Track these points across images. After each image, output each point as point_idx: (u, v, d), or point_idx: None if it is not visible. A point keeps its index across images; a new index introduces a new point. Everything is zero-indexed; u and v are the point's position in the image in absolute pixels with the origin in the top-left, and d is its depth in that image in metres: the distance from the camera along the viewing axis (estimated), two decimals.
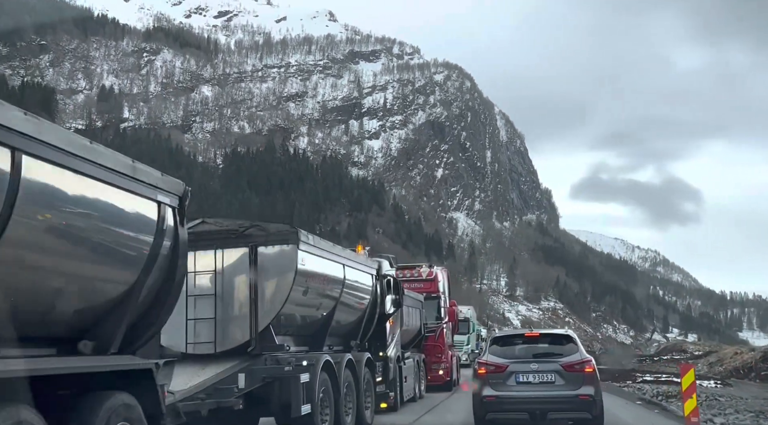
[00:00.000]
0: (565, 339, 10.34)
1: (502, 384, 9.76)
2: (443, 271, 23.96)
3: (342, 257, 11.91)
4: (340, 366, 11.01)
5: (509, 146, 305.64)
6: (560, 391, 9.57)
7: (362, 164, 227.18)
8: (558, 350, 10.08)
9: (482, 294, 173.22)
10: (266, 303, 9.55)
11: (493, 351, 10.28)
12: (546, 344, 10.39)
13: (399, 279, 19.91)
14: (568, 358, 9.80)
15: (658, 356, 46.71)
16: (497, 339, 10.86)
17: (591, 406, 9.53)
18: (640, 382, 23.25)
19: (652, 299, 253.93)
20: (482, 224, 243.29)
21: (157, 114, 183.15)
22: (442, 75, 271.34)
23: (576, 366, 9.66)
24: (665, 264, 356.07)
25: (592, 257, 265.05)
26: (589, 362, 9.84)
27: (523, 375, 9.76)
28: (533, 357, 10.01)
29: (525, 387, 9.73)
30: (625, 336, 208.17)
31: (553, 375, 9.62)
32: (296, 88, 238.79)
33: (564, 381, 9.57)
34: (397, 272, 20.61)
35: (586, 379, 9.61)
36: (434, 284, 21.86)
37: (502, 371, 9.80)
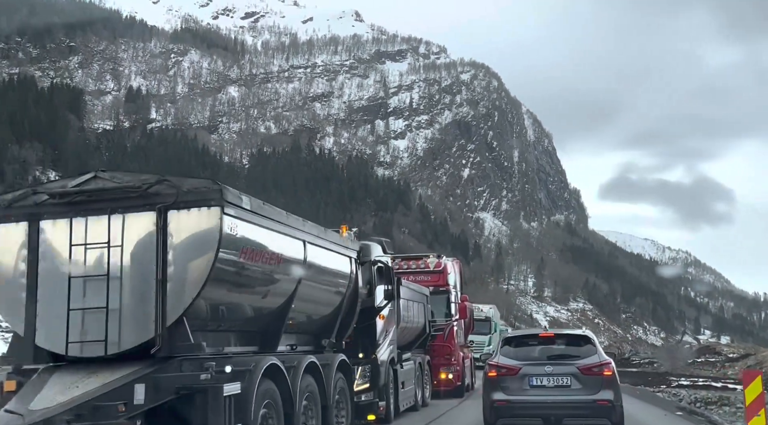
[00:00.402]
0: (583, 339, 9.72)
1: (515, 387, 9.18)
2: (455, 263, 21.43)
3: (301, 231, 9.05)
4: (295, 372, 8.47)
5: (537, 146, 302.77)
6: (577, 396, 8.98)
7: (388, 163, 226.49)
8: (575, 351, 9.46)
9: (509, 295, 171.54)
10: (178, 287, 6.97)
11: (505, 352, 9.66)
12: (562, 345, 9.80)
13: (403, 271, 18.22)
14: (585, 360, 9.17)
15: (692, 358, 45.09)
16: (509, 339, 10.18)
17: (610, 412, 8.89)
18: (676, 387, 21.58)
19: (683, 301, 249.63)
20: (509, 224, 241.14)
21: (184, 115, 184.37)
22: (469, 74, 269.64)
23: (594, 369, 9.04)
24: (696, 265, 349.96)
25: (622, 257, 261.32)
26: (608, 364, 9.24)
27: (537, 378, 9.15)
28: (548, 358, 9.38)
29: (539, 391, 9.11)
30: (656, 337, 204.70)
31: (569, 378, 9.02)
32: (322, 88, 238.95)
33: (581, 385, 8.96)
34: (400, 262, 18.84)
35: (605, 383, 8.98)
36: (443, 276, 19.52)
37: (514, 373, 9.21)
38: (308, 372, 8.84)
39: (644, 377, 24.60)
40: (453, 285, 20.07)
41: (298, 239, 8.95)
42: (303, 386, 8.59)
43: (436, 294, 18.78)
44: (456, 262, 21.75)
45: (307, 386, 8.79)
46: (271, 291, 8.40)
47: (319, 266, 9.68)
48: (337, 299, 10.57)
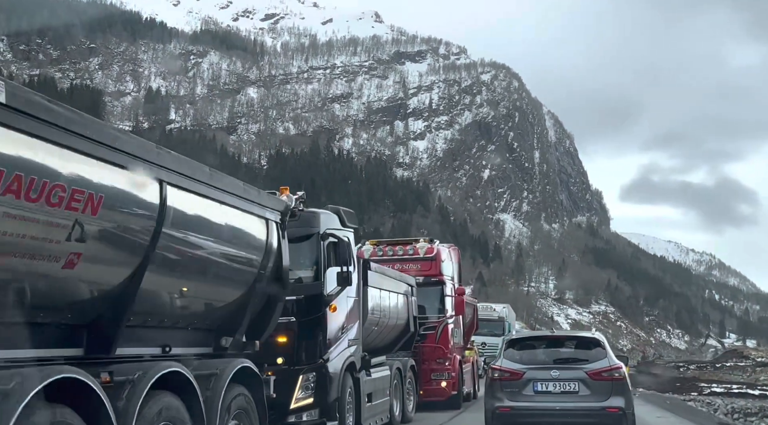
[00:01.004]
0: (592, 342, 9.16)
1: (518, 393, 8.60)
2: (452, 250, 18.39)
3: (150, 162, 5.55)
4: (132, 390, 5.19)
5: (558, 147, 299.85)
6: (585, 402, 8.43)
7: (407, 165, 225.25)
8: (583, 355, 8.92)
9: (530, 297, 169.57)
10: None
11: (509, 355, 9.02)
12: (569, 348, 9.27)
13: (387, 258, 15.60)
14: (594, 364, 8.63)
15: (719, 362, 43.34)
16: (513, 341, 9.54)
17: (621, 420, 8.33)
18: (709, 395, 19.67)
19: (707, 304, 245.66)
20: (530, 225, 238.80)
21: (203, 115, 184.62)
22: (489, 75, 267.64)
23: (604, 374, 8.51)
24: (721, 268, 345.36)
25: (645, 259, 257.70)
26: (619, 369, 8.73)
27: (542, 383, 8.61)
28: (554, 362, 8.82)
29: (544, 398, 8.56)
30: (680, 340, 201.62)
31: (577, 383, 8.49)
32: (341, 89, 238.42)
33: (589, 391, 8.42)
34: (384, 247, 16.13)
35: (616, 389, 8.45)
36: (435, 264, 16.23)
37: (518, 378, 8.63)
38: (167, 389, 5.62)
39: (672, 382, 22.83)
40: (448, 276, 16.92)
41: (147, 175, 5.40)
42: (152, 410, 5.37)
43: (428, 286, 15.71)
44: (453, 249, 18.81)
45: (163, 409, 5.51)
46: (88, 255, 4.79)
47: (199, 221, 6.25)
48: (243, 278, 7.21)
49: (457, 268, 18.47)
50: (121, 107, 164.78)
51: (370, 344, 11.61)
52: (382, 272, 12.69)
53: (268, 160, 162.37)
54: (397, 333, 13.72)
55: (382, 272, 12.69)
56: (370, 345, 11.62)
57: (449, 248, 18.32)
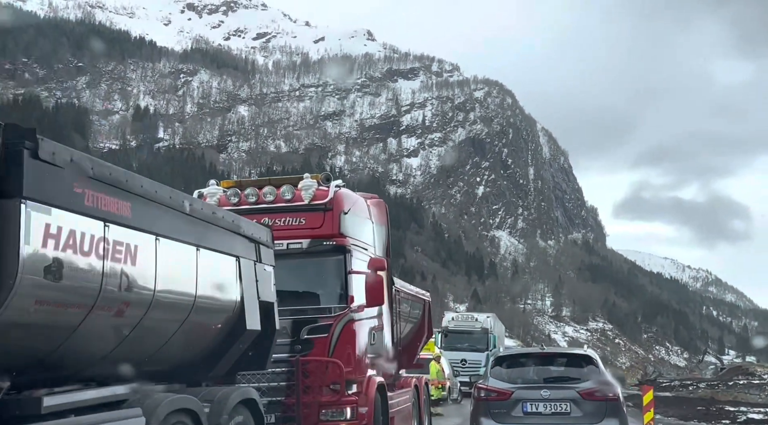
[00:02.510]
0: (584, 360, 8.64)
1: (506, 414, 8.12)
2: (371, 202, 11.37)
3: None
4: None
5: (552, 163, 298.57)
6: (577, 424, 7.96)
7: (401, 182, 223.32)
8: (575, 373, 8.45)
9: (527, 314, 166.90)
10: None
11: (496, 373, 8.49)
12: (561, 366, 8.76)
13: (248, 207, 9.30)
14: (587, 384, 8.18)
15: (728, 380, 40.65)
16: (501, 358, 8.98)
17: None
18: (743, 423, 16.14)
19: (706, 320, 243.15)
20: (526, 242, 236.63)
21: (192, 134, 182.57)
22: (482, 91, 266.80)
23: (597, 394, 8.07)
24: (717, 284, 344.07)
25: (642, 276, 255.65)
26: (613, 388, 8.29)
27: (532, 403, 8.12)
28: (544, 381, 8.35)
29: (533, 419, 8.10)
30: (679, 357, 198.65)
31: (569, 404, 8.04)
32: (333, 106, 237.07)
33: (581, 413, 7.99)
34: (244, 192, 9.70)
35: (610, 410, 8.01)
36: (331, 219, 9.56)
37: (506, 398, 8.14)
38: None
39: (690, 406, 19.72)
40: (357, 239, 9.93)
41: None
42: None
43: (316, 255, 9.29)
44: (373, 201, 11.56)
45: None
46: None
47: None
48: None
49: (381, 233, 11.18)
50: (109, 126, 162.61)
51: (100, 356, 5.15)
52: None
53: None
54: (202, 333, 6.40)
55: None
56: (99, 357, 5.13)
57: (365, 198, 11.10)
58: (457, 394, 24.34)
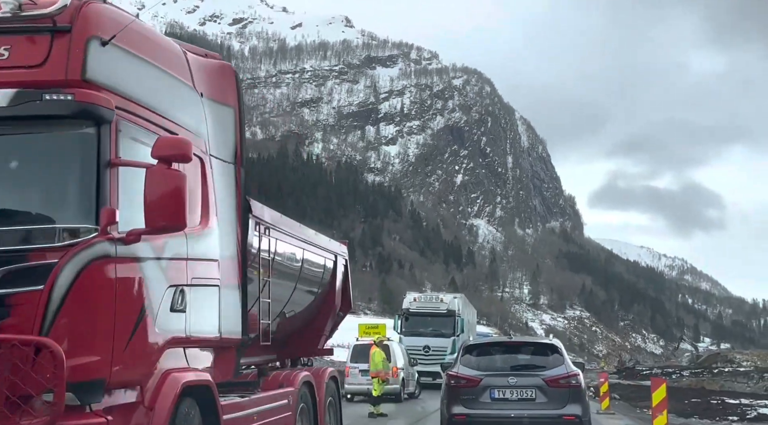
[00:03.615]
0: (550, 348, 9.04)
1: (475, 400, 8.44)
2: (204, 63, 5.95)
3: None
4: None
5: (531, 152, 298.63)
6: (541, 410, 8.31)
7: (379, 169, 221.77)
8: (541, 361, 8.78)
9: (504, 303, 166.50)
10: None
11: (466, 361, 8.84)
12: (527, 354, 9.19)
13: None
14: (552, 371, 8.50)
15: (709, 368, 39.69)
16: (470, 347, 9.34)
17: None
18: (755, 420, 14.07)
19: (681, 308, 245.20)
20: (504, 230, 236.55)
21: None
22: (461, 79, 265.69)
23: (561, 381, 8.41)
24: (693, 272, 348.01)
25: (618, 264, 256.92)
26: (576, 376, 8.59)
27: (499, 390, 8.47)
28: (511, 369, 8.67)
29: (501, 405, 8.43)
30: (655, 345, 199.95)
31: (534, 390, 8.38)
32: (311, 93, 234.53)
33: (546, 398, 8.33)
34: None
35: (573, 396, 8.35)
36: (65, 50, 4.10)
37: (474, 385, 8.48)
38: None
39: (682, 397, 18.03)
40: (129, 101, 4.45)
41: None
42: None
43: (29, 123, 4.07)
44: (206, 61, 6.11)
45: None
46: None
47: None
48: None
49: (224, 121, 5.86)
50: None
51: None
52: None
53: None
54: None
55: None
56: None
57: (187, 50, 5.88)
58: (415, 387, 20.48)
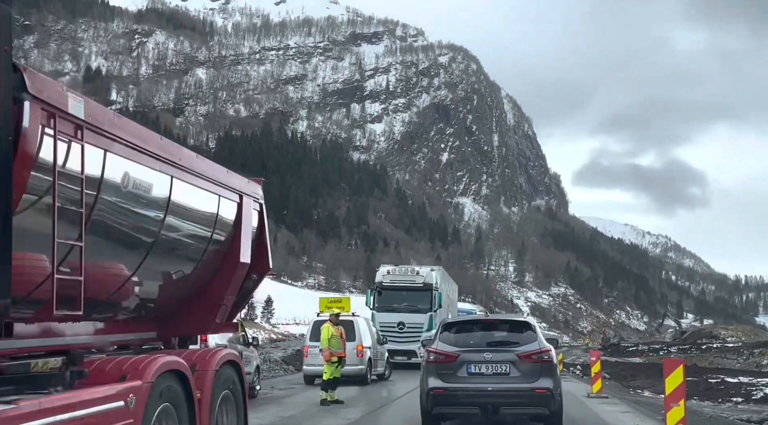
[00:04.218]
0: (524, 326, 9.46)
1: (453, 375, 8.82)
2: None
3: None
4: None
5: (517, 130, 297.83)
6: (515, 384, 8.70)
7: (364, 148, 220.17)
8: (515, 338, 9.16)
9: (489, 280, 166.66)
10: None
11: (444, 338, 9.24)
12: (503, 332, 9.50)
13: None
14: (525, 347, 8.93)
15: (694, 345, 39.29)
16: (449, 324, 9.67)
17: (549, 401, 8.62)
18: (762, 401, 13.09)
19: (665, 285, 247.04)
20: (489, 209, 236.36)
21: (147, 97, 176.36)
22: (447, 57, 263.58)
23: (533, 356, 8.84)
24: (676, 249, 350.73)
25: (603, 242, 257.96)
26: (548, 351, 8.95)
27: (475, 365, 8.81)
28: (487, 345, 9.03)
29: (477, 379, 8.79)
30: (639, 321, 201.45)
31: (508, 365, 8.76)
32: (295, 70, 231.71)
33: (519, 373, 8.74)
34: None
35: (544, 371, 8.73)
36: None
37: (452, 360, 8.89)
38: None
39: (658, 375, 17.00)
40: None
41: None
42: None
43: None
44: None
45: None
46: None
47: None
48: None
49: None
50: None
51: None
52: None
53: (217, 142, 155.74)
54: None
55: None
56: None
57: None
58: (384, 368, 18.63)
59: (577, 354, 35.11)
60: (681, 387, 7.91)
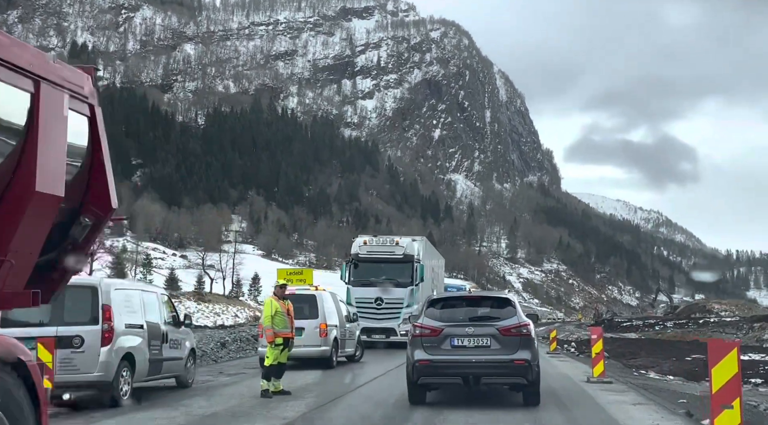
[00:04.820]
0: (504, 302, 9.99)
1: (437, 347, 9.39)
2: None
3: None
4: None
5: (509, 106, 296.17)
6: (495, 355, 9.23)
7: (355, 124, 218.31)
8: (496, 313, 9.67)
9: (482, 257, 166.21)
10: None
11: (430, 313, 9.75)
12: (485, 307, 10.01)
13: None
14: (505, 322, 9.43)
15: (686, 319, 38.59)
16: (434, 301, 10.23)
17: (526, 371, 9.16)
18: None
19: (657, 260, 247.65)
20: (482, 185, 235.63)
21: (135, 73, 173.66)
22: (439, 32, 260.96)
23: (513, 330, 9.35)
24: (668, 225, 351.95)
25: (595, 218, 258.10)
26: (527, 326, 9.44)
27: (459, 338, 9.39)
28: (470, 320, 9.59)
29: (459, 351, 9.34)
30: (631, 297, 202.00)
31: (489, 339, 9.32)
32: (285, 46, 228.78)
33: (500, 346, 9.30)
34: None
35: (523, 343, 9.30)
36: None
37: (436, 334, 9.43)
38: None
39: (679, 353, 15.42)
40: None
41: None
42: None
43: None
44: None
45: None
46: None
47: None
48: None
49: None
50: None
51: None
52: None
53: (206, 119, 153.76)
54: None
55: None
56: None
57: None
58: (355, 348, 16.54)
59: (570, 330, 34.26)
60: (735, 380, 5.68)
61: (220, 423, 7.96)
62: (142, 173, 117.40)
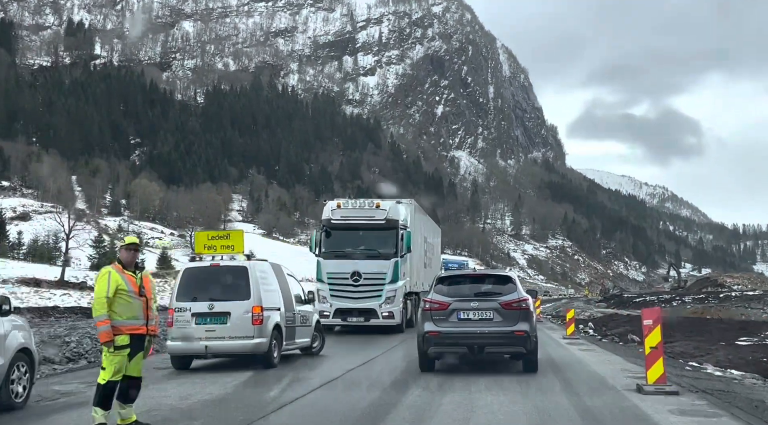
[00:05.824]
0: (506, 279, 10.77)
1: (445, 320, 10.20)
2: None
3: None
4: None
5: (513, 81, 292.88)
6: (497, 327, 10.03)
7: (357, 101, 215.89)
8: (498, 289, 10.44)
9: (486, 234, 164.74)
10: None
11: (438, 289, 10.61)
12: (489, 284, 10.73)
13: None
14: (506, 297, 10.22)
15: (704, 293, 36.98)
16: (442, 278, 11.13)
17: (525, 341, 9.96)
18: None
19: (663, 235, 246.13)
20: (485, 162, 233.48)
21: (133, 51, 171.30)
22: (441, 6, 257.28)
23: (513, 304, 10.10)
24: (673, 200, 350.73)
25: (600, 194, 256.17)
26: (526, 300, 10.23)
27: (464, 312, 10.18)
28: (475, 295, 10.38)
29: (465, 324, 10.15)
30: (637, 272, 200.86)
31: (492, 312, 10.09)
32: (285, 23, 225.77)
33: (501, 318, 10.06)
34: None
35: (522, 316, 10.08)
36: None
37: (444, 308, 10.23)
38: None
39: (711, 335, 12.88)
40: None
41: None
42: None
43: None
44: None
45: None
46: None
47: None
48: None
49: None
50: (40, 42, 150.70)
51: None
52: None
53: (206, 97, 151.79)
54: None
55: None
56: None
57: None
58: (311, 338, 12.42)
59: (580, 307, 32.39)
60: None
61: None
62: (140, 152, 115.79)
